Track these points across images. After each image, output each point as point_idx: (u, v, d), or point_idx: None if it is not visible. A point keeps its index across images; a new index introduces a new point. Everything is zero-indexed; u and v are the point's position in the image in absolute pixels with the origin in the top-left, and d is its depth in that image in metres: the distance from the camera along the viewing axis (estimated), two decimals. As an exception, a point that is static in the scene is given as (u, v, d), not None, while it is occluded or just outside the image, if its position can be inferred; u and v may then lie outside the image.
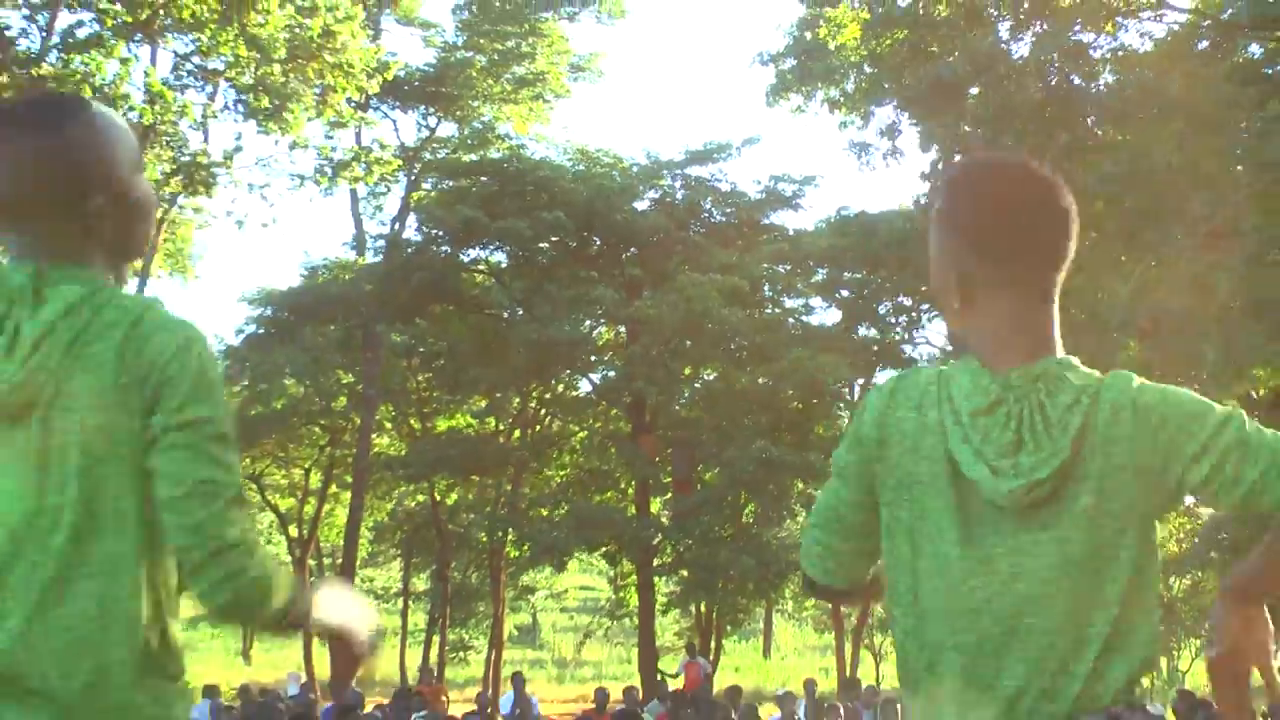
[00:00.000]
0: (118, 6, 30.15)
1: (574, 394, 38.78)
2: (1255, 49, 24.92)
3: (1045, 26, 26.39)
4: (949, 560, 2.77)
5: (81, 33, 30.20)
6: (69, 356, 2.79)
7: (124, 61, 30.34)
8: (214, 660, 42.01)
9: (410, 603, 45.00)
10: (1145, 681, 2.80)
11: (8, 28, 28.20)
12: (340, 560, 38.48)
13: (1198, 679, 34.97)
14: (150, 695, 2.84)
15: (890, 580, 2.92)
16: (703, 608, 38.22)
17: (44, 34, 29.32)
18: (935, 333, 33.93)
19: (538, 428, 38.67)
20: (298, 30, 29.45)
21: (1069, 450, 2.70)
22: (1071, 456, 2.70)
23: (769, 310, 35.63)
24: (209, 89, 32.13)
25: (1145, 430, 2.73)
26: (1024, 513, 2.72)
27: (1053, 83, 26.10)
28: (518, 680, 26.85)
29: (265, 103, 30.67)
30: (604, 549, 37.46)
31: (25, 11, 29.68)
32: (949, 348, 32.99)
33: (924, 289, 33.51)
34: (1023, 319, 2.90)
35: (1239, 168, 21.04)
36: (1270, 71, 24.44)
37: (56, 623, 2.75)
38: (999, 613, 2.72)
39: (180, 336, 2.87)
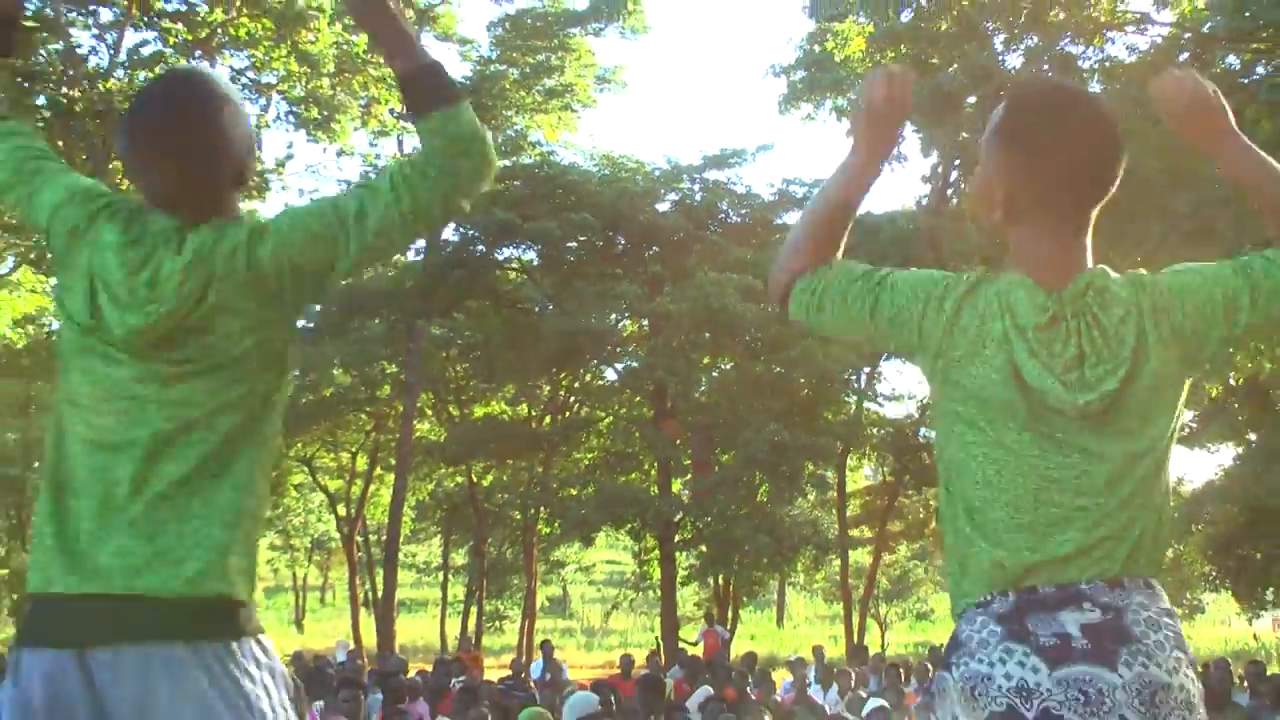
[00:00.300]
0: (179, 26, 30.38)
1: (600, 382, 38.84)
2: (1233, 60, 25.04)
3: (1037, 40, 26.47)
4: (1018, 452, 2.92)
5: (146, 50, 30.43)
6: (206, 284, 3.00)
7: (185, 79, 30.66)
8: (269, 629, 42.12)
9: (449, 576, 45.06)
10: None
11: (79, 46, 28.34)
12: (385, 537, 38.53)
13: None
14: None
15: (954, 463, 3.02)
16: (720, 580, 38.28)
17: (112, 52, 29.53)
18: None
19: (567, 413, 38.69)
20: (345, 47, 29.62)
21: (1130, 362, 2.88)
22: (1132, 367, 2.88)
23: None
24: (263, 101, 32.23)
25: (1174, 323, 2.95)
26: (1091, 418, 2.89)
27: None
28: (547, 648, 27.02)
29: (315, 114, 30.84)
30: (629, 526, 37.47)
31: (95, 31, 29.87)
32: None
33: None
34: (1066, 241, 3.04)
35: (1217, 170, 21.17)
36: (1246, 81, 24.55)
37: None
38: (1065, 494, 2.89)
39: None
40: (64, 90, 28.68)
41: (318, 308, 35.65)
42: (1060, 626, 2.81)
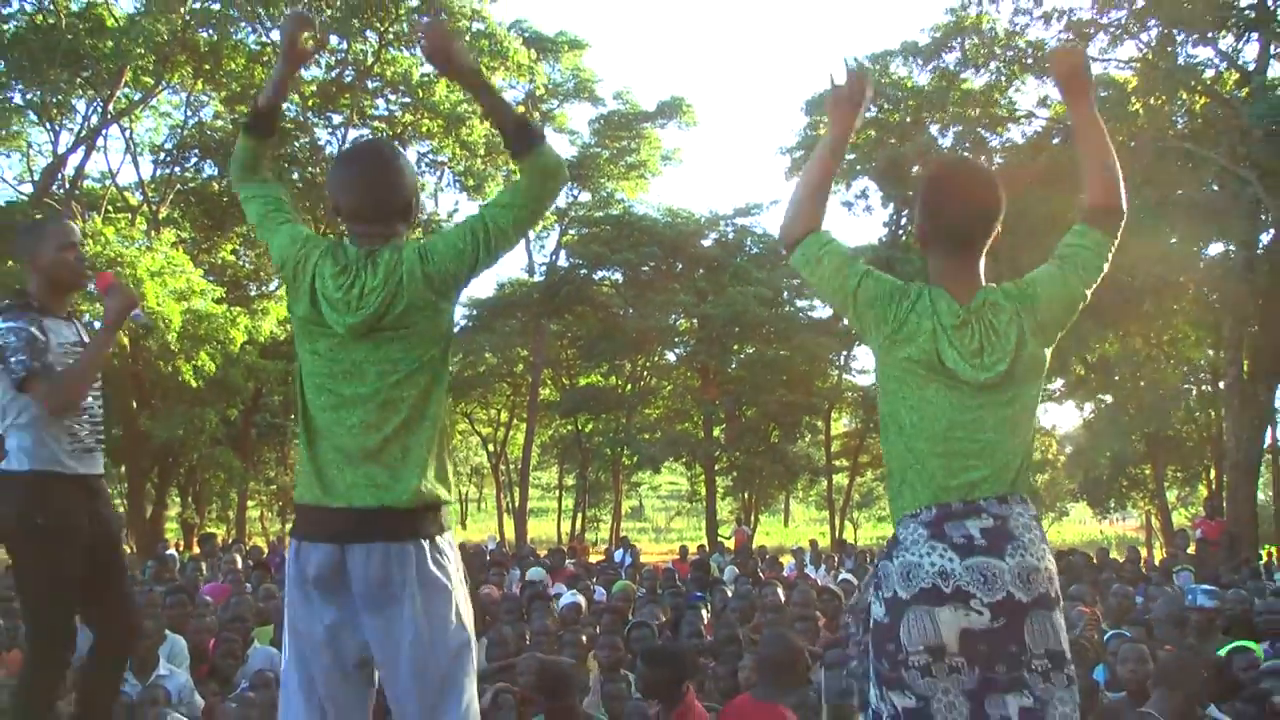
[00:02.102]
0: (383, 125, 30.65)
1: (663, 362, 38.82)
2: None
3: (960, 127, 26.36)
4: (936, 402, 2.98)
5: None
6: (396, 293, 3.09)
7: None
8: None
9: (563, 492, 45.27)
10: None
11: (319, 139, 28.61)
12: (519, 466, 38.68)
13: (1051, 538, 34.85)
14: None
15: (892, 412, 3.05)
16: (746, 495, 38.42)
17: (340, 142, 29.72)
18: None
19: (641, 383, 38.71)
20: (491, 136, 29.71)
21: (1014, 351, 2.96)
22: (1015, 352, 2.96)
23: (787, 309, 35.56)
24: (437, 174, 32.47)
25: (1039, 319, 3.03)
26: (987, 386, 2.96)
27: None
28: (625, 541, 27.04)
29: (471, 182, 31.07)
30: (684, 459, 37.71)
31: (329, 129, 30.09)
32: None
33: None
34: (965, 265, 3.08)
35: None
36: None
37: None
38: (968, 435, 2.96)
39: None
40: (309, 169, 28.96)
41: (474, 310, 35.80)
42: (966, 530, 2.90)
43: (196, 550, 19.72)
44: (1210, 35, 21.89)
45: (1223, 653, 6.87)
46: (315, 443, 3.16)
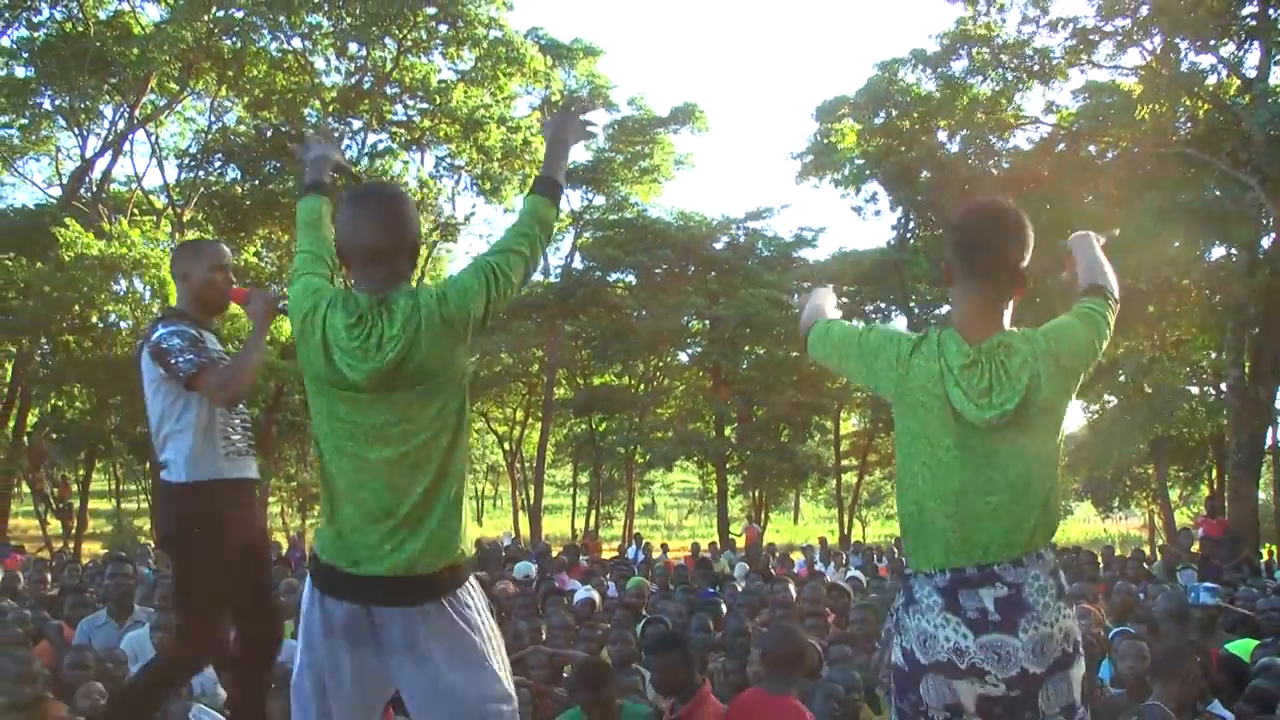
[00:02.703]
0: (402, 130, 30.70)
1: (676, 362, 38.84)
2: (1092, 148, 24.85)
3: (967, 134, 26.35)
4: (947, 460, 2.94)
5: (381, 146, 30.84)
6: (414, 340, 3.03)
7: (405, 163, 30.86)
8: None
9: (577, 490, 45.27)
10: None
11: (341, 145, 28.56)
12: (534, 464, 38.73)
13: (1055, 537, 34.82)
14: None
15: (903, 466, 3.04)
16: (756, 493, 38.35)
17: (360, 147, 29.81)
18: (899, 324, 33.73)
19: (654, 383, 38.72)
20: (508, 140, 29.74)
21: (1024, 392, 2.88)
22: (1025, 396, 2.89)
23: (797, 310, 35.38)
24: (455, 177, 32.48)
25: (1061, 364, 2.97)
26: (996, 431, 2.90)
27: (970, 166, 26.09)
28: (639, 538, 27.08)
29: (488, 186, 31.07)
30: (696, 457, 37.72)
31: (349, 134, 30.13)
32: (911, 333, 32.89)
33: (891, 297, 33.59)
34: (983, 305, 3.02)
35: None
36: (1101, 162, 24.36)
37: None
38: (978, 492, 2.92)
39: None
40: (335, 181, 29.03)
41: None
42: (980, 602, 2.88)
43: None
44: (1213, 43, 21.87)
45: (1236, 650, 6.89)
46: (336, 504, 3.12)
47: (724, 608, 9.52)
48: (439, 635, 3.08)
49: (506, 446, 42.34)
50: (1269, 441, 23.70)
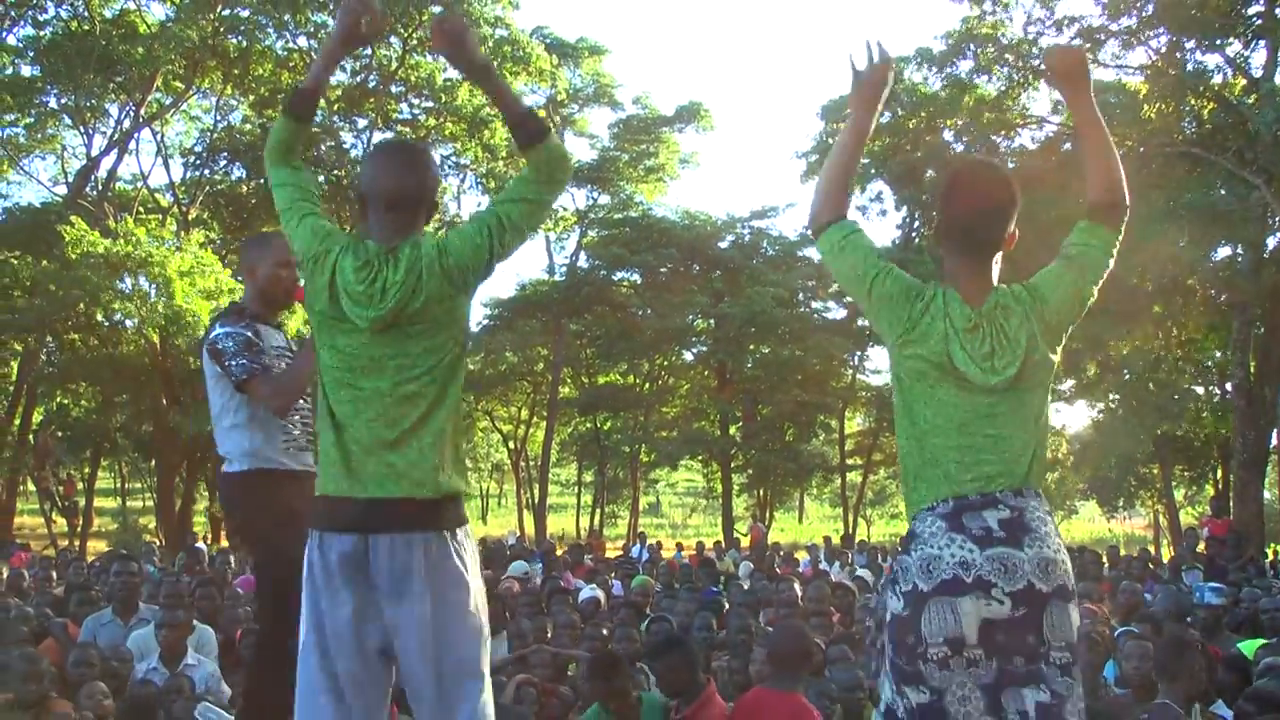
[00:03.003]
0: (407, 129, 30.72)
1: (681, 361, 38.84)
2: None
3: (972, 133, 26.32)
4: (946, 398, 2.97)
5: (385, 144, 30.74)
6: (416, 287, 3.09)
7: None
8: (463, 523, 42.34)
9: (581, 488, 45.31)
10: None
11: (344, 143, 28.70)
12: (539, 462, 38.76)
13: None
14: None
15: (905, 407, 3.05)
16: (761, 492, 38.41)
17: (365, 145, 29.82)
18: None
19: (659, 382, 38.73)
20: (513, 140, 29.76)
21: (1023, 355, 2.94)
22: (1025, 356, 2.94)
23: (802, 309, 35.52)
24: (461, 175, 32.52)
25: (1048, 322, 3.01)
26: (997, 389, 2.95)
27: (977, 165, 26.08)
28: (644, 537, 27.07)
29: (493, 184, 31.07)
30: (700, 456, 37.79)
31: (354, 133, 30.18)
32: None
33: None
34: (978, 268, 3.06)
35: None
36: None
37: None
38: (981, 430, 2.95)
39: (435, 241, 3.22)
40: (335, 171, 29.08)
41: (496, 310, 35.84)
42: (984, 521, 2.88)
43: (225, 543, 19.79)
44: (1218, 42, 21.83)
45: (1245, 650, 6.89)
46: (337, 435, 3.16)
47: (726, 606, 9.51)
48: (432, 571, 3.09)
49: (511, 445, 42.40)
50: (1274, 441, 23.68)
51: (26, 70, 26.94)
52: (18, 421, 28.20)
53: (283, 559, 4.09)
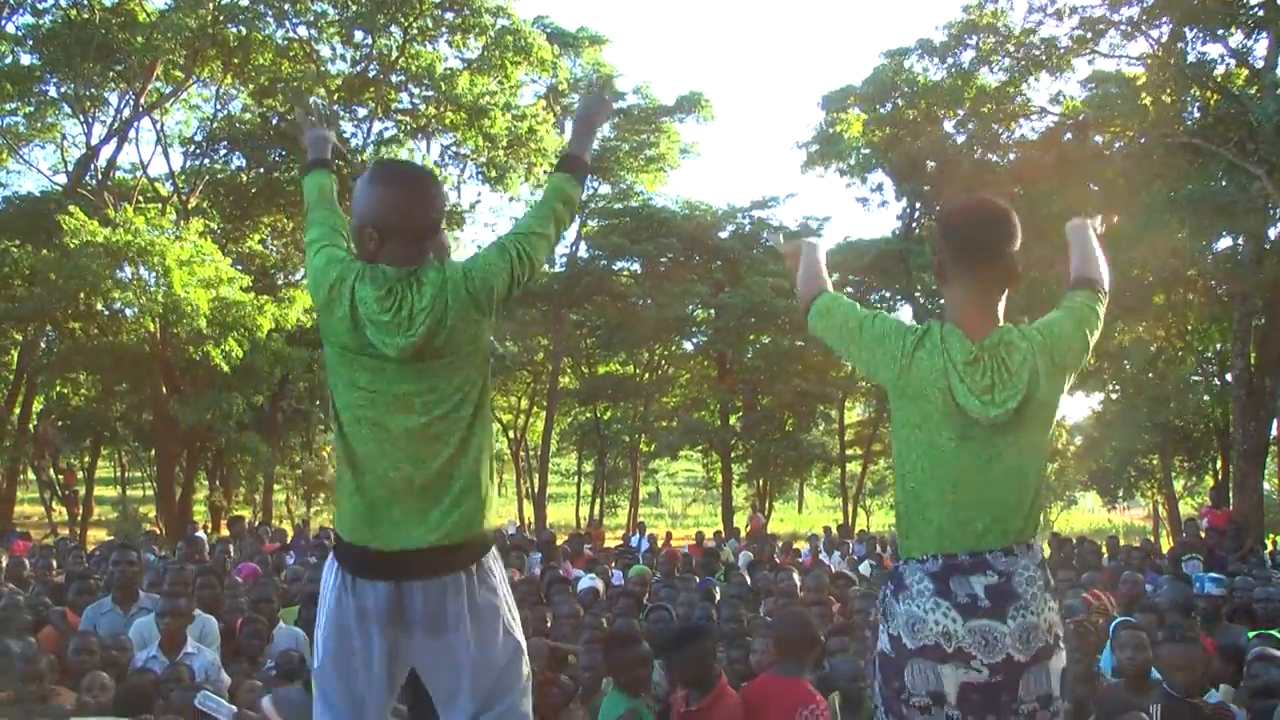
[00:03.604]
0: (407, 118, 30.71)
1: (681, 351, 38.84)
2: (1098, 138, 24.80)
3: (973, 124, 26.29)
4: (946, 450, 2.97)
5: (387, 135, 30.80)
6: (444, 313, 3.08)
7: (410, 150, 30.86)
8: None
9: (581, 478, 45.31)
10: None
11: (344, 132, 28.60)
12: (539, 452, 38.79)
13: (1060, 527, 34.88)
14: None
15: (902, 455, 3.08)
16: (761, 482, 38.45)
17: (366, 135, 29.83)
18: (904, 313, 33.72)
19: (659, 371, 38.74)
20: (513, 129, 29.73)
21: (1025, 390, 2.95)
22: (1026, 393, 2.95)
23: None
24: (460, 165, 32.46)
25: (1055, 362, 3.05)
26: (997, 427, 2.95)
27: (976, 157, 26.05)
28: (643, 527, 27.07)
29: (494, 174, 31.07)
30: (700, 446, 37.83)
31: (355, 122, 30.12)
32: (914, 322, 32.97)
33: (897, 287, 33.56)
34: (981, 303, 3.08)
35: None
36: (1108, 152, 24.32)
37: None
38: (974, 482, 2.96)
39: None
40: (335, 163, 29.06)
41: (496, 301, 35.75)
42: (971, 589, 2.93)
43: (225, 532, 19.83)
44: (1220, 32, 21.79)
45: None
46: (358, 476, 3.12)
47: (716, 596, 9.51)
48: (465, 609, 3.11)
49: (511, 435, 42.38)
50: (1274, 431, 23.70)
51: (26, 59, 26.90)
52: (18, 410, 28.20)
53: None
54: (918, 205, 31.23)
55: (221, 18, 26.61)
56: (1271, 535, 21.91)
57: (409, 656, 3.20)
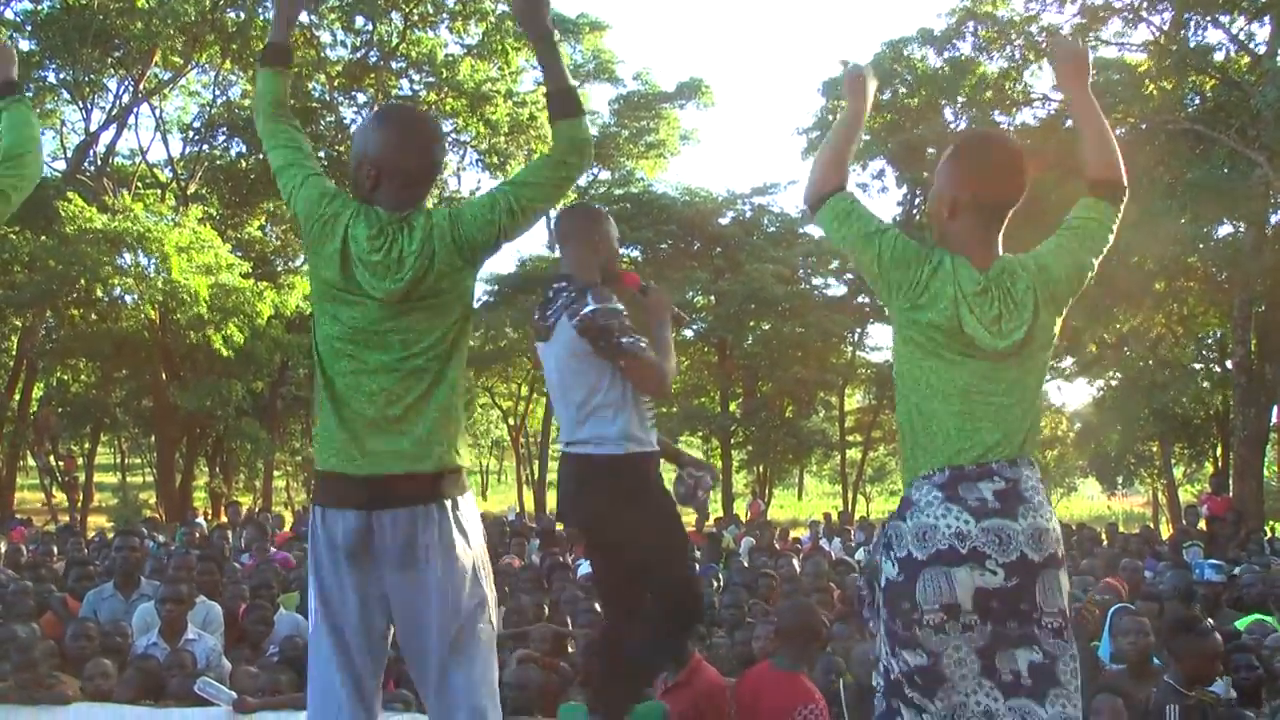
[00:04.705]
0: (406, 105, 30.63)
1: (680, 337, 38.89)
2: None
3: (974, 111, 26.26)
4: (953, 369, 3.03)
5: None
6: (431, 258, 3.11)
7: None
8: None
9: (581, 465, 45.27)
10: None
11: (344, 118, 28.67)
12: (539, 439, 38.82)
13: (1059, 513, 34.93)
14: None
15: (906, 372, 3.12)
16: (761, 468, 38.49)
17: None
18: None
19: (659, 358, 38.78)
20: (514, 115, 29.70)
21: (1030, 320, 3.03)
22: (1031, 320, 3.02)
23: (802, 286, 35.47)
24: (461, 152, 32.42)
25: (1052, 292, 3.10)
26: (1003, 353, 3.03)
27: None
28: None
29: (494, 160, 31.03)
30: (701, 432, 37.81)
31: (354, 108, 30.17)
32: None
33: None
34: (987, 235, 3.13)
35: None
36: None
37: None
38: (983, 399, 3.02)
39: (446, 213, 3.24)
40: (335, 147, 29.04)
41: (496, 286, 35.79)
42: (980, 493, 2.95)
43: (224, 519, 19.86)
44: (1222, 18, 21.75)
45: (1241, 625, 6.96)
46: (337, 408, 3.16)
47: (717, 583, 9.52)
48: (435, 544, 3.12)
49: (511, 421, 42.39)
50: (1275, 419, 23.70)
51: (24, 45, 26.83)
52: (18, 397, 28.23)
53: (647, 543, 4.13)
54: (918, 192, 31.17)
55: (220, 3, 26.58)
56: (1271, 522, 21.93)
57: (380, 599, 3.18)
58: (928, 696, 2.97)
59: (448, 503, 3.16)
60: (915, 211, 31.28)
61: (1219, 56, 22.60)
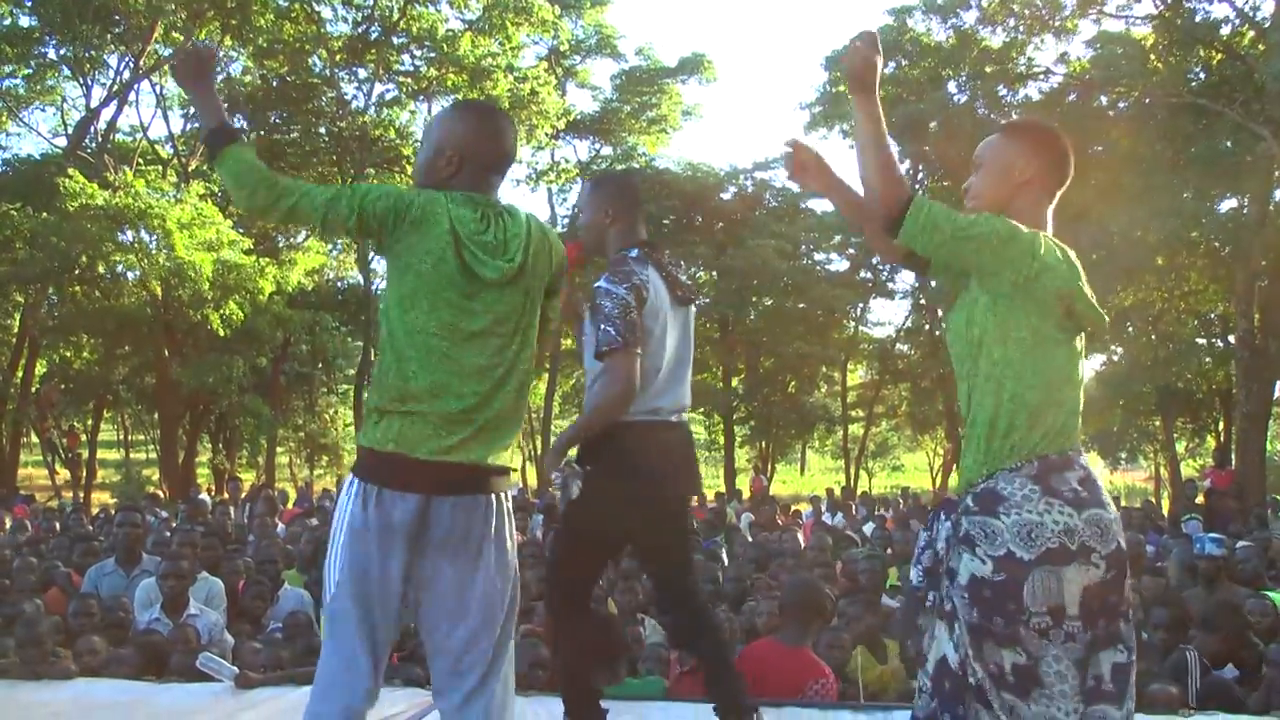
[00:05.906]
0: (408, 80, 30.60)
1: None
2: (1103, 98, 24.68)
3: (977, 84, 26.20)
4: (1060, 351, 2.96)
5: (388, 96, 30.73)
6: (537, 246, 3.23)
7: (412, 112, 30.80)
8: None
9: (584, 441, 45.36)
10: None
11: (346, 94, 28.59)
12: (541, 415, 38.82)
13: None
14: None
15: (1011, 359, 2.94)
16: (763, 444, 38.46)
17: (367, 97, 29.74)
18: (905, 275, 33.64)
19: (662, 334, 38.79)
20: (515, 90, 29.59)
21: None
22: None
23: (804, 261, 35.43)
24: (461, 127, 32.34)
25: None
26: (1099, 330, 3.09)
27: (979, 116, 25.93)
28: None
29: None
30: (703, 408, 37.80)
31: (356, 84, 30.06)
32: (915, 283, 32.99)
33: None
34: (1047, 213, 3.12)
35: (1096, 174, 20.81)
36: (1112, 113, 24.21)
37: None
38: (1074, 384, 3.01)
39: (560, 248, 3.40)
40: (337, 124, 28.97)
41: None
42: (1068, 482, 2.87)
43: (226, 495, 19.90)
44: (1227, -8, 21.70)
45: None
46: (409, 402, 3.09)
47: (723, 559, 9.53)
48: (490, 535, 3.17)
49: (513, 397, 42.48)
50: (1277, 393, 23.72)
51: (25, 21, 26.78)
52: (20, 374, 28.25)
53: (621, 509, 4.05)
54: (920, 166, 31.08)
55: (221, -22, 26.50)
56: (1274, 496, 21.96)
57: (418, 585, 3.16)
58: (1020, 697, 2.85)
59: (502, 495, 3.21)
60: (918, 185, 31.19)
61: (1224, 30, 22.53)
